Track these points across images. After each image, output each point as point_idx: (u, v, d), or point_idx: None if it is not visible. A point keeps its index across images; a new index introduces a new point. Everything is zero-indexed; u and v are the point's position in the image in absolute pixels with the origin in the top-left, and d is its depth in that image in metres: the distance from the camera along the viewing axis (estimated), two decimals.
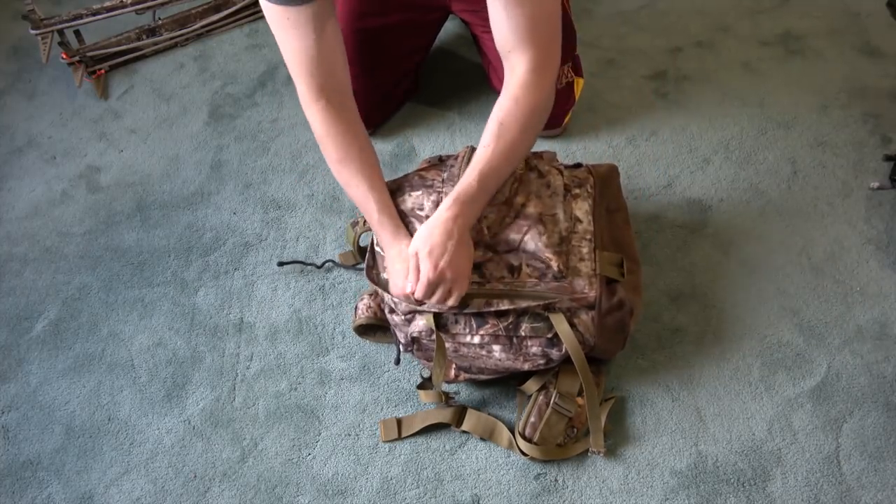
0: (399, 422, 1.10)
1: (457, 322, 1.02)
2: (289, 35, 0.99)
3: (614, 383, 1.14)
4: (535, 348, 1.02)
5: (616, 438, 1.09)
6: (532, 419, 1.06)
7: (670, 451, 1.08)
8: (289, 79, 1.60)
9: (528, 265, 0.99)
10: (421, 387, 1.12)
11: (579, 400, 1.06)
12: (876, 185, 1.35)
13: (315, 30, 0.98)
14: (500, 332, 1.01)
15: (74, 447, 1.12)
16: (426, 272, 0.94)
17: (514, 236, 1.01)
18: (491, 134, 0.99)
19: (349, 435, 1.11)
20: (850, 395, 1.12)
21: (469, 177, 0.97)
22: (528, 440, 1.05)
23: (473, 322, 1.02)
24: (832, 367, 1.15)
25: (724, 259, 1.27)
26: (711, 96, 1.52)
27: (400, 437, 1.10)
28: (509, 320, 1.01)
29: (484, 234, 1.01)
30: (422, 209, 1.04)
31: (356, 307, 1.14)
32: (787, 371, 1.14)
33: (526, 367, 1.04)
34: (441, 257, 0.94)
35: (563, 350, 1.01)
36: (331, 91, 1.03)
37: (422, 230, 0.97)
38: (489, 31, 1.34)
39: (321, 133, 1.04)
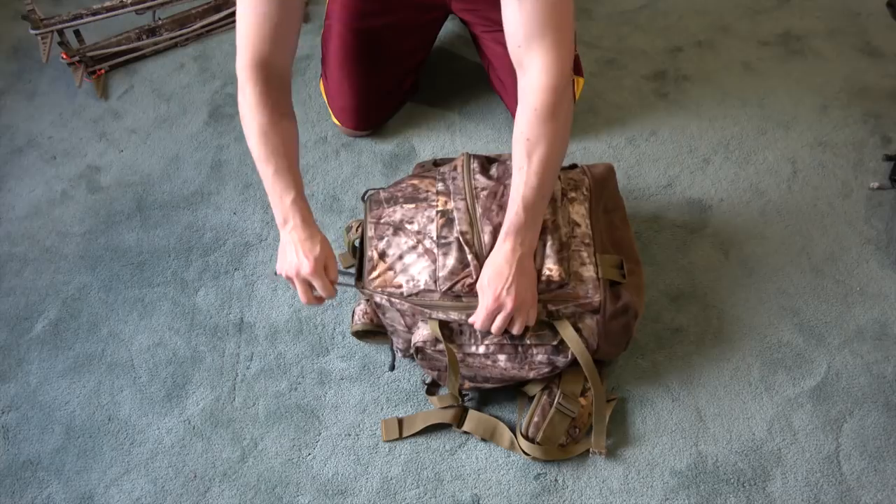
0: (400, 422, 1.10)
1: (462, 332, 1.02)
2: (250, 2, 0.99)
3: (614, 384, 1.14)
4: (540, 356, 1.02)
5: (616, 438, 1.09)
6: (535, 419, 1.06)
7: (670, 451, 1.08)
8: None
9: None
10: (428, 392, 1.12)
11: (582, 400, 1.06)
12: (876, 185, 1.35)
13: (276, 1, 0.97)
14: (505, 342, 1.01)
15: (74, 447, 1.12)
16: (485, 302, 0.95)
17: None
18: (521, 154, 0.96)
19: (349, 435, 1.11)
20: (850, 395, 1.12)
21: (514, 206, 0.96)
22: (531, 440, 1.05)
23: (478, 332, 1.02)
24: (832, 367, 1.15)
25: (724, 259, 1.27)
26: (711, 96, 1.52)
27: (401, 437, 1.10)
28: None
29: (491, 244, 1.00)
30: (412, 223, 1.04)
31: (353, 312, 1.14)
32: (787, 371, 1.14)
33: (531, 375, 1.04)
34: (501, 287, 0.94)
35: (569, 357, 1.01)
36: (272, 67, 1.01)
37: (486, 266, 0.97)
38: (489, 31, 1.35)
39: (250, 104, 0.99)
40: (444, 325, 1.01)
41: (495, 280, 0.94)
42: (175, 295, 1.28)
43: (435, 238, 1.02)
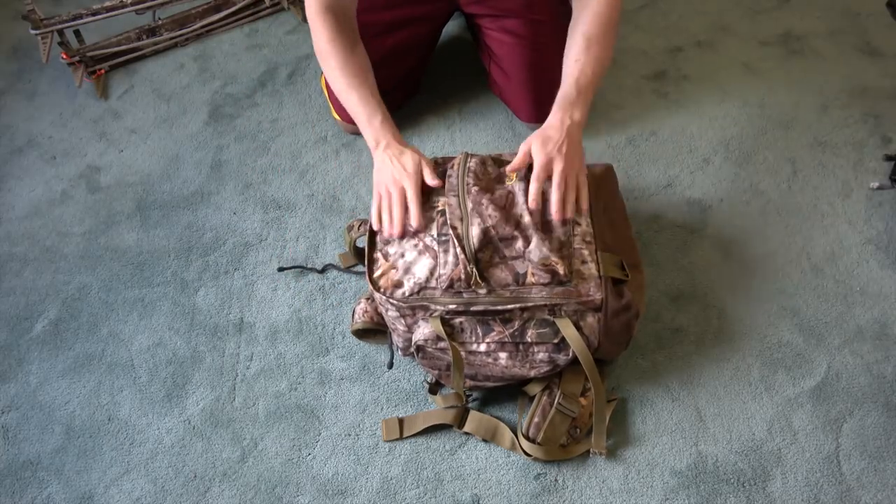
0: (401, 421, 1.10)
1: (462, 330, 1.02)
2: None
3: (614, 384, 1.14)
4: (541, 354, 1.02)
5: (616, 439, 1.09)
6: (536, 419, 1.06)
7: (670, 451, 1.08)
8: (289, 79, 1.60)
9: (533, 274, 0.99)
10: (431, 391, 1.12)
11: (582, 400, 1.07)
12: (876, 185, 1.35)
13: None
14: (507, 339, 1.01)
15: (74, 447, 1.12)
16: (538, 161, 1.01)
17: (519, 243, 1.01)
18: (579, 48, 1.08)
19: (349, 435, 1.11)
20: (850, 395, 1.12)
21: (566, 85, 1.07)
22: (532, 441, 1.05)
23: (479, 330, 1.02)
24: (832, 367, 1.15)
25: (724, 259, 1.27)
26: (711, 96, 1.52)
27: (401, 437, 1.10)
28: (515, 327, 1.01)
29: (492, 236, 1.01)
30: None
31: (353, 311, 1.14)
32: (787, 371, 1.14)
33: (532, 374, 1.04)
34: (551, 147, 1.02)
35: (570, 355, 1.01)
36: (337, 10, 1.13)
37: (534, 136, 1.04)
38: (496, 20, 1.36)
39: (324, 42, 1.12)
40: (445, 323, 1.01)
41: (544, 143, 1.02)
42: (175, 295, 1.28)
43: (435, 236, 1.02)
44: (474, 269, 0.98)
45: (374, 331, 1.14)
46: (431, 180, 1.05)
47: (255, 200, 1.40)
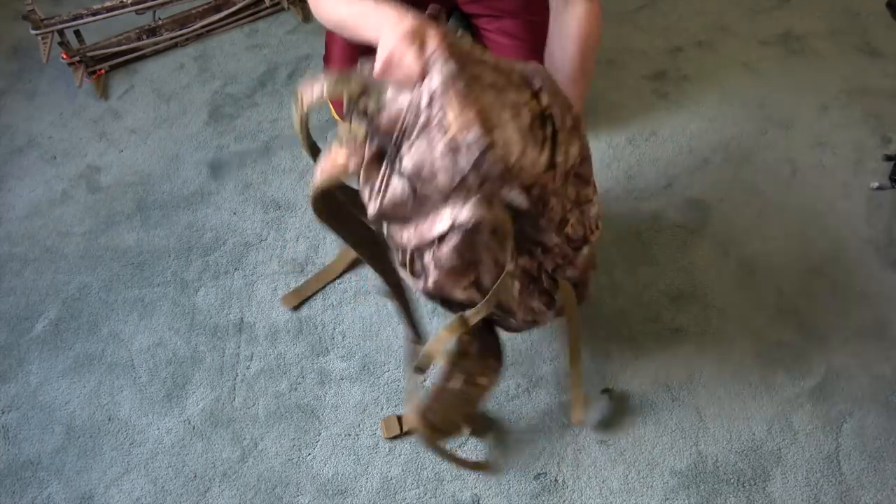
0: (400, 419, 1.10)
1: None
2: None
3: (614, 383, 1.14)
4: (535, 302, 0.94)
5: (616, 438, 1.09)
6: (432, 402, 0.94)
7: (670, 451, 1.08)
8: (289, 79, 1.60)
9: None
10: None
11: (481, 381, 0.96)
12: (876, 185, 1.35)
13: None
14: (533, 271, 0.92)
15: (74, 447, 1.12)
16: None
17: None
18: (576, 67, 1.13)
19: (349, 435, 1.11)
20: (850, 395, 1.12)
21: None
22: (428, 422, 0.93)
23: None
24: (832, 367, 1.15)
25: (724, 259, 1.27)
26: (711, 96, 1.52)
27: (402, 434, 1.10)
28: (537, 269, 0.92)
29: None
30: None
31: (317, 168, 0.81)
32: (787, 371, 1.14)
33: (515, 319, 0.94)
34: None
35: (554, 312, 0.96)
36: None
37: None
38: (494, 20, 1.35)
39: None
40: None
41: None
42: (175, 295, 1.28)
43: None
44: None
45: (344, 203, 0.91)
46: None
47: (255, 200, 1.40)
